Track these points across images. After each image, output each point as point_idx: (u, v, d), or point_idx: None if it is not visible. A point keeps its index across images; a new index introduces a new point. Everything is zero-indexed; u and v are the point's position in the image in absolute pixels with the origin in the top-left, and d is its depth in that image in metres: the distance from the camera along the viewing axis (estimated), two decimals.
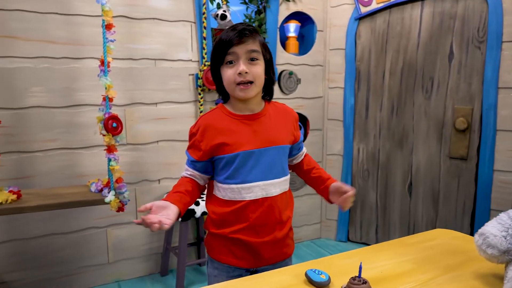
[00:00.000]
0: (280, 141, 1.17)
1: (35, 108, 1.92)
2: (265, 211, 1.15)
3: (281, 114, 1.21)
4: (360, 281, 0.80)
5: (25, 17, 1.85)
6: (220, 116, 1.16)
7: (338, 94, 2.70)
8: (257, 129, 1.14)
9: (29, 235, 2.00)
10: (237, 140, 1.13)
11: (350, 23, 2.60)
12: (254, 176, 1.13)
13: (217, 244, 1.19)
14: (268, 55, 1.16)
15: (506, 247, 0.89)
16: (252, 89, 1.10)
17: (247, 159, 1.12)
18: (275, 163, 1.16)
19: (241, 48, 1.08)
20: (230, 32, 1.08)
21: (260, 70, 1.11)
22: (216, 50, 1.12)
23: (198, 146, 1.14)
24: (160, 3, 2.14)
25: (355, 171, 2.75)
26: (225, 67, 1.11)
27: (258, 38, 1.12)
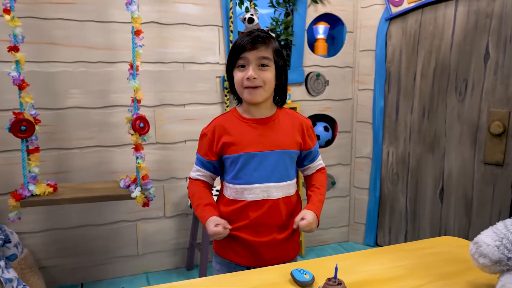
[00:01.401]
0: (286, 146, 1.21)
1: (73, 108, 2.09)
2: (266, 212, 1.18)
3: (291, 121, 1.25)
4: (335, 282, 0.81)
5: (66, 25, 2.02)
6: (230, 118, 1.23)
7: (368, 96, 2.66)
8: (263, 133, 1.19)
9: (67, 226, 2.17)
10: (242, 141, 1.18)
11: (381, 24, 2.55)
12: (256, 178, 1.18)
13: (221, 241, 1.24)
14: (281, 61, 1.20)
15: (498, 257, 0.86)
16: (260, 93, 1.15)
17: (250, 160, 1.18)
18: (278, 167, 1.20)
19: (253, 54, 1.13)
20: (245, 37, 1.15)
21: (270, 76, 1.16)
22: (231, 54, 1.19)
23: (211, 146, 1.21)
24: (189, 9, 2.23)
25: (384, 174, 2.69)
26: (237, 70, 1.17)
27: (271, 45, 1.17)
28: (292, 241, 1.27)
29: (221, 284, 0.94)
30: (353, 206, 2.83)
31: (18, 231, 2.04)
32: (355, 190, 2.81)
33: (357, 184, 2.79)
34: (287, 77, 1.28)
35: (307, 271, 0.92)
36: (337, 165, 2.74)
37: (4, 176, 1.94)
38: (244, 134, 1.19)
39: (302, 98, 2.56)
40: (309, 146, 1.29)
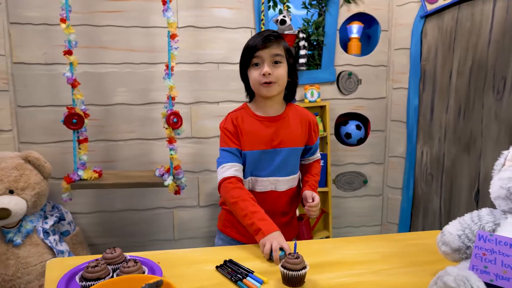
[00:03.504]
0: (295, 144, 1.30)
1: (119, 105, 2.35)
2: (270, 201, 1.29)
3: (299, 118, 1.34)
4: (294, 256, 0.90)
5: (114, 31, 2.27)
6: (245, 115, 1.33)
7: (402, 95, 2.63)
8: (275, 131, 1.28)
9: (113, 209, 2.44)
10: (256, 139, 1.28)
11: (416, 22, 2.52)
12: (266, 172, 1.28)
13: (225, 218, 1.38)
14: (291, 60, 1.29)
15: (457, 246, 0.90)
16: (275, 88, 1.24)
17: (263, 157, 1.27)
18: (287, 163, 1.30)
19: (266, 52, 1.22)
20: (256, 38, 1.25)
21: (283, 72, 1.25)
22: (244, 54, 1.30)
23: (235, 136, 1.29)
24: (224, 13, 2.39)
25: (418, 174, 2.64)
26: (252, 69, 1.26)
27: (282, 43, 1.26)
28: (291, 224, 1.37)
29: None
30: (386, 205, 2.81)
31: (72, 211, 2.33)
32: (388, 190, 2.79)
33: (390, 183, 2.77)
34: (297, 75, 1.37)
35: (282, 249, 1.02)
36: (370, 163, 2.74)
37: (58, 163, 2.24)
38: (258, 131, 1.29)
39: (333, 97, 2.61)
40: (312, 142, 1.38)
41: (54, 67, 2.21)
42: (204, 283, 0.92)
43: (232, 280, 0.93)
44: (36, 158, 2.04)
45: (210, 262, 1.01)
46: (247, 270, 0.97)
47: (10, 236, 1.94)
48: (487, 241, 0.85)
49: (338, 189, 2.73)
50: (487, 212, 0.94)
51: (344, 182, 2.74)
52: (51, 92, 2.23)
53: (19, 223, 1.99)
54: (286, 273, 0.90)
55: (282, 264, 0.92)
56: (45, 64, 2.21)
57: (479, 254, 0.84)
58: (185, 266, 1.01)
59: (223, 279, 0.94)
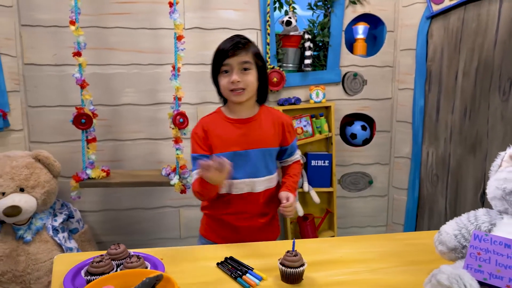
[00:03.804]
0: (267, 144, 1.33)
1: (127, 105, 2.39)
2: (249, 203, 1.33)
3: (272, 119, 1.36)
4: (292, 254, 0.92)
5: (122, 32, 2.32)
6: (216, 119, 1.36)
7: (408, 96, 2.63)
8: (247, 132, 1.31)
9: (121, 207, 2.48)
10: (227, 141, 1.31)
11: (422, 22, 2.52)
12: (241, 174, 1.30)
13: (206, 223, 1.42)
14: (260, 63, 1.31)
15: (453, 245, 0.91)
16: (244, 94, 1.28)
17: (235, 158, 1.29)
18: (261, 164, 1.33)
19: (234, 60, 1.25)
20: (226, 44, 1.27)
21: (252, 78, 1.28)
22: (214, 60, 1.31)
23: (204, 142, 1.32)
24: (230, 14, 2.42)
25: (424, 175, 2.64)
26: (221, 76, 1.30)
27: (251, 49, 1.28)
28: (271, 225, 1.41)
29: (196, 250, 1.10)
30: (391, 206, 2.81)
31: (81, 209, 2.38)
32: (393, 190, 2.79)
33: (396, 184, 2.77)
34: (267, 77, 1.40)
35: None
36: (375, 164, 2.75)
37: (68, 162, 2.29)
38: (229, 133, 1.32)
39: (338, 98, 2.62)
40: (288, 142, 1.41)
41: (63, 68, 2.26)
42: (205, 279, 0.95)
43: (232, 277, 0.96)
44: (45, 157, 2.09)
45: (211, 259, 1.04)
46: (246, 267, 0.99)
47: (21, 233, 1.99)
48: (482, 241, 0.86)
49: (343, 189, 2.74)
50: (483, 212, 0.95)
51: (350, 182, 2.75)
52: (61, 93, 2.28)
53: (29, 221, 2.04)
54: (284, 270, 0.92)
55: (280, 262, 0.94)
56: (55, 65, 2.26)
57: (474, 253, 0.85)
58: (187, 262, 1.03)
59: (224, 276, 0.97)
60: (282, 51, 2.51)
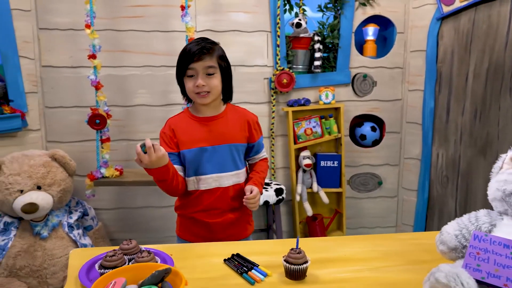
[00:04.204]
0: (234, 140, 1.37)
1: (140, 106, 2.45)
2: (217, 198, 1.36)
3: (238, 116, 1.41)
4: (296, 251, 0.96)
5: (135, 35, 2.38)
6: (183, 118, 1.40)
7: (418, 97, 2.63)
8: (212, 129, 1.36)
9: (133, 206, 2.55)
10: (193, 138, 1.35)
11: (432, 24, 2.52)
12: (208, 169, 1.35)
13: (180, 223, 1.47)
14: (225, 64, 1.36)
15: (454, 245, 0.93)
16: (209, 97, 1.32)
17: (202, 154, 1.34)
18: (228, 159, 1.37)
19: (199, 65, 1.28)
20: (192, 46, 1.30)
21: (216, 82, 1.32)
22: (179, 63, 1.33)
23: (172, 141, 1.36)
24: (240, 17, 2.46)
25: (434, 176, 2.64)
26: (187, 79, 1.32)
27: (215, 53, 1.32)
28: (243, 220, 1.44)
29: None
30: (400, 207, 2.82)
31: (95, 207, 2.45)
32: (403, 191, 2.80)
33: (406, 185, 2.78)
34: (232, 77, 1.43)
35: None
36: (385, 165, 2.76)
37: (83, 161, 2.36)
38: (195, 130, 1.36)
39: (348, 99, 2.64)
40: (254, 139, 1.44)
41: (79, 70, 2.33)
42: (212, 274, 0.99)
43: (238, 272, 0.99)
44: (62, 156, 2.16)
45: (218, 256, 1.08)
46: (252, 264, 1.03)
47: (38, 229, 2.07)
48: (482, 241, 0.88)
49: (353, 190, 2.76)
50: (484, 213, 0.97)
51: (359, 183, 2.77)
52: (77, 94, 2.35)
53: (46, 217, 2.11)
54: (288, 267, 0.96)
55: (285, 259, 0.97)
56: (71, 67, 2.33)
57: (473, 253, 0.87)
58: (195, 258, 1.08)
59: (230, 271, 1.01)
60: (292, 53, 2.54)
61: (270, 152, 2.61)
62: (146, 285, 0.71)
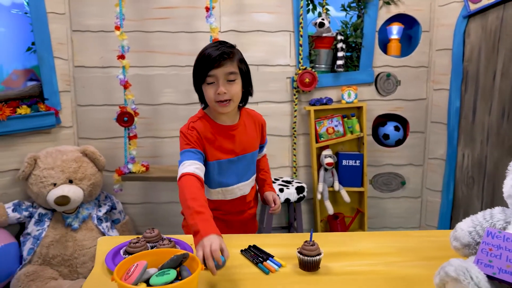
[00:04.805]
0: (254, 148, 1.38)
1: (166, 104, 2.53)
2: (241, 204, 1.40)
3: (253, 122, 1.39)
4: (309, 244, 0.99)
5: (162, 36, 2.46)
6: (206, 125, 1.30)
7: (443, 96, 2.59)
8: (235, 139, 1.32)
9: (159, 201, 2.64)
10: (220, 149, 1.30)
11: (459, 22, 2.48)
12: (234, 180, 1.35)
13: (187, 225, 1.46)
14: (245, 68, 1.29)
15: (467, 241, 0.94)
16: (230, 105, 1.24)
17: (229, 166, 1.33)
18: (249, 167, 1.39)
19: (220, 71, 1.20)
20: (211, 51, 1.22)
21: (238, 89, 1.25)
22: (198, 69, 1.25)
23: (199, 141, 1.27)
24: (264, 17, 2.50)
25: (459, 177, 2.59)
26: (206, 86, 1.23)
27: (236, 58, 1.25)
28: (253, 220, 1.50)
29: None
30: (424, 208, 2.78)
31: (122, 201, 2.56)
32: (427, 192, 2.76)
33: (430, 186, 2.74)
34: (251, 81, 1.35)
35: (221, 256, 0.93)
36: (408, 165, 2.73)
37: (111, 157, 2.46)
38: (222, 141, 1.29)
39: (371, 98, 2.63)
40: (264, 141, 1.47)
41: (109, 70, 2.44)
42: (229, 263, 1.04)
43: (253, 262, 1.04)
44: (92, 152, 2.28)
45: (236, 247, 1.12)
46: (268, 255, 1.07)
47: (69, 221, 2.18)
48: (495, 238, 0.88)
49: (375, 190, 2.74)
50: (499, 211, 0.97)
51: (382, 183, 2.75)
52: (106, 93, 2.46)
53: (76, 210, 2.22)
54: (302, 258, 0.99)
55: (299, 251, 1.01)
56: (102, 67, 2.44)
57: (486, 249, 0.88)
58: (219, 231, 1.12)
59: (246, 261, 1.05)
60: (315, 52, 2.56)
61: (292, 150, 2.64)
62: (166, 268, 0.76)
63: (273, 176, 2.63)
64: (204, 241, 0.94)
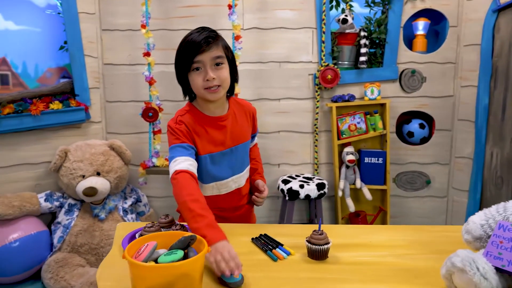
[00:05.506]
0: (246, 138, 1.33)
1: None
2: (237, 198, 1.36)
3: (243, 111, 1.34)
4: (318, 233, 1.00)
5: None
6: (195, 118, 1.24)
7: (471, 93, 2.52)
8: (227, 130, 1.26)
9: None
10: (211, 142, 1.24)
11: (488, 16, 2.40)
12: (228, 172, 1.30)
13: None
14: (230, 55, 1.24)
15: (479, 234, 0.93)
16: (220, 91, 1.19)
17: (222, 158, 1.27)
18: (243, 158, 1.34)
19: (206, 55, 1.14)
20: (195, 37, 1.16)
21: (226, 74, 1.20)
22: (182, 57, 1.19)
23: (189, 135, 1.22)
24: (286, 14, 2.52)
25: (487, 177, 2.51)
26: (193, 73, 1.17)
27: (220, 42, 1.21)
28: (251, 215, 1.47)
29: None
30: (450, 208, 2.71)
31: (147, 195, 2.64)
32: (453, 192, 2.68)
33: (456, 185, 2.66)
34: (237, 69, 1.31)
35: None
36: (434, 164, 2.67)
37: (137, 151, 2.55)
38: (212, 134, 1.24)
39: (395, 95, 2.59)
40: (255, 130, 1.43)
41: (136, 67, 2.52)
42: (240, 250, 1.06)
43: (263, 250, 1.06)
44: (118, 146, 2.37)
45: (247, 235, 1.15)
46: (277, 243, 1.09)
47: (96, 211, 2.28)
48: (507, 231, 0.87)
49: (399, 188, 2.70)
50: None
51: (405, 181, 2.70)
52: (133, 89, 2.55)
53: (103, 201, 2.32)
54: (310, 247, 1.00)
55: (307, 240, 1.02)
56: (129, 65, 2.54)
57: (496, 241, 0.86)
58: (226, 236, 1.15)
59: (256, 249, 1.08)
60: (338, 49, 2.55)
61: (314, 147, 2.64)
62: (174, 249, 0.80)
63: (294, 172, 2.64)
64: (217, 247, 0.93)
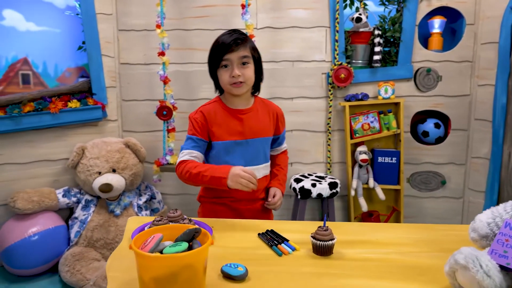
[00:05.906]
0: (265, 133, 1.41)
1: (203, 100, 2.60)
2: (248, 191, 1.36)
3: (266, 109, 1.44)
4: (323, 229, 1.01)
5: (201, 33, 2.56)
6: (217, 108, 1.40)
7: (488, 92, 2.47)
8: (246, 122, 1.38)
9: (195, 192, 2.72)
10: (227, 131, 1.37)
11: (506, 13, 2.35)
12: (242, 162, 1.36)
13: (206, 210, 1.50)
14: (257, 55, 1.39)
15: (485, 232, 0.92)
16: (244, 87, 1.34)
17: (235, 147, 1.37)
18: (259, 152, 1.41)
19: (234, 55, 1.31)
20: (225, 39, 1.34)
21: (251, 72, 1.35)
22: (213, 55, 1.36)
23: (204, 128, 1.37)
24: (300, 13, 2.53)
25: (504, 178, 2.46)
26: (221, 70, 1.34)
27: (248, 44, 1.35)
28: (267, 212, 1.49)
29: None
30: (466, 209, 2.66)
31: (161, 192, 2.69)
32: (469, 193, 2.64)
33: (472, 186, 2.62)
34: (262, 69, 1.43)
35: (239, 264, 0.91)
36: (449, 164, 2.63)
37: (152, 149, 2.60)
38: (229, 123, 1.37)
39: (409, 94, 2.56)
40: (280, 131, 1.49)
41: (151, 66, 2.57)
42: (246, 244, 1.08)
43: (268, 245, 1.07)
44: (133, 143, 2.42)
45: (254, 230, 1.16)
46: (283, 238, 1.10)
47: (112, 207, 2.33)
48: None
49: (413, 188, 2.67)
50: None
51: (420, 181, 2.67)
52: (148, 88, 2.60)
53: (119, 198, 2.38)
54: (315, 242, 1.01)
55: (312, 235, 1.03)
56: (144, 64, 2.59)
57: (502, 240, 0.85)
58: (233, 231, 1.18)
59: (262, 244, 1.09)
60: (351, 48, 2.54)
61: (326, 146, 2.64)
62: (179, 241, 0.82)
63: (307, 171, 2.64)
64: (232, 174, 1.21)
